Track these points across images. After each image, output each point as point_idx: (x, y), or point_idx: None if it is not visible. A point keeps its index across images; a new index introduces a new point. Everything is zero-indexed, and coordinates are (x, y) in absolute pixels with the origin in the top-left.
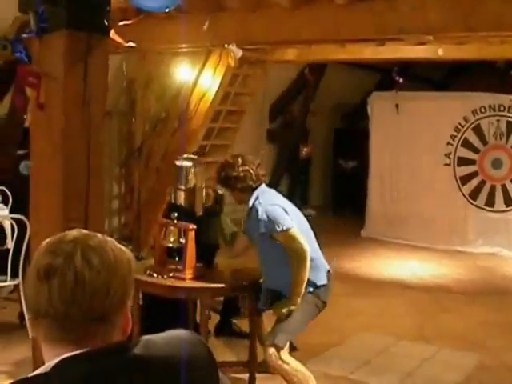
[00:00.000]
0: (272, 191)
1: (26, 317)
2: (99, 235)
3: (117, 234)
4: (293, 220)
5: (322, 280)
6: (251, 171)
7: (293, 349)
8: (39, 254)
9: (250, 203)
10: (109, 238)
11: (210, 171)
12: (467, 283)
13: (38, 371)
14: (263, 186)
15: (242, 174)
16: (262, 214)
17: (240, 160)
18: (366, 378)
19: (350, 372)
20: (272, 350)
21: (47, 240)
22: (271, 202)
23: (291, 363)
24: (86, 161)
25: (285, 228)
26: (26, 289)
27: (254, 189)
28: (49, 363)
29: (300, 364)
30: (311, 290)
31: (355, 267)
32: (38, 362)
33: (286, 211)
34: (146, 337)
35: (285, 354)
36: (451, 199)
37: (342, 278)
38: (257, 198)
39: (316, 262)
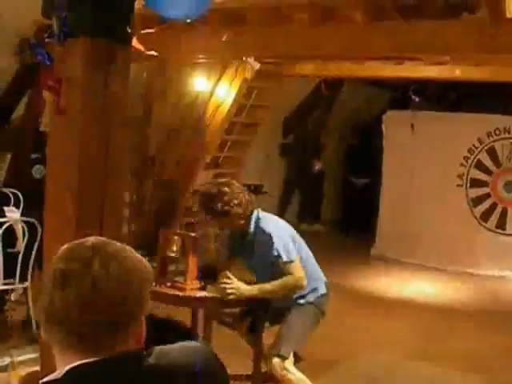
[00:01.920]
0: (271, 215)
1: (34, 319)
2: (118, 243)
3: (125, 242)
4: (295, 242)
5: (321, 289)
6: (247, 197)
7: (297, 360)
8: (57, 259)
9: (252, 228)
10: (127, 247)
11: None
12: (476, 305)
13: (50, 377)
14: (258, 210)
15: (237, 205)
16: (275, 241)
17: (234, 188)
18: None
19: None
20: (277, 360)
21: (65, 245)
22: (279, 230)
23: (296, 373)
24: (104, 169)
25: (291, 259)
26: (41, 294)
27: (250, 214)
28: (61, 370)
29: (303, 376)
30: (311, 299)
31: (364, 285)
32: (45, 363)
33: (292, 239)
34: (159, 347)
35: (290, 364)
36: (462, 220)
37: (351, 295)
38: (259, 222)
39: (316, 273)
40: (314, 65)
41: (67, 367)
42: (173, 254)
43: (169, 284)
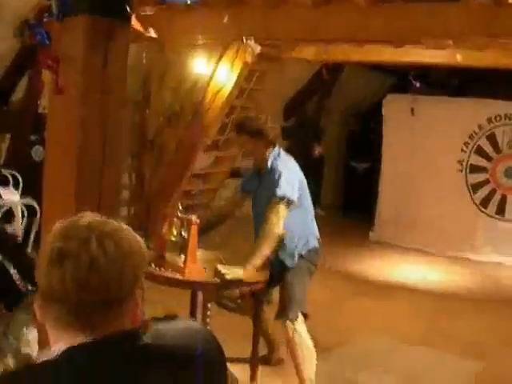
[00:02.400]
0: (289, 158)
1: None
2: (114, 222)
3: (125, 224)
4: (301, 189)
5: (312, 243)
6: (271, 127)
7: (305, 317)
8: (52, 238)
9: (269, 162)
10: (124, 226)
11: (221, 166)
12: (474, 290)
13: (46, 358)
14: (280, 148)
15: (268, 130)
16: (282, 179)
17: (264, 117)
18: (369, 379)
19: (353, 373)
20: (288, 324)
21: (59, 224)
22: (292, 171)
23: (302, 334)
24: (102, 148)
25: (287, 196)
26: (37, 273)
27: (273, 147)
28: (57, 350)
29: (309, 338)
30: (303, 253)
31: (363, 269)
32: (42, 344)
33: (300, 184)
34: (155, 325)
35: (300, 325)
36: (462, 206)
37: (350, 279)
38: (275, 158)
39: (310, 228)
40: (315, 48)
41: (63, 347)
42: (172, 237)
43: (168, 267)
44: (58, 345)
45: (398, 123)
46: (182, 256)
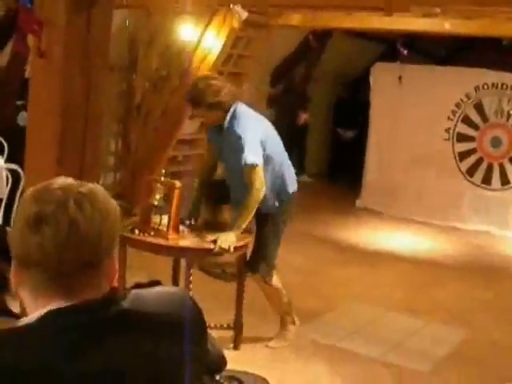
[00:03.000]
0: (248, 111)
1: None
2: (88, 183)
3: (111, 191)
4: (267, 142)
5: (292, 187)
6: (228, 89)
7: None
8: (26, 203)
9: (226, 124)
10: (98, 186)
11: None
12: (459, 259)
13: (23, 322)
14: (238, 104)
15: (225, 96)
16: (243, 143)
17: (219, 79)
18: (354, 347)
19: (338, 340)
20: (258, 278)
21: (31, 189)
22: (252, 129)
23: (273, 283)
24: (85, 110)
25: (254, 164)
26: (12, 239)
27: (229, 108)
28: (34, 314)
29: (279, 281)
30: (285, 199)
31: (348, 237)
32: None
33: (262, 141)
34: (135, 291)
35: (272, 280)
36: (448, 175)
37: (335, 246)
38: (234, 117)
39: (289, 173)
40: (302, 15)
41: (41, 311)
42: (156, 203)
43: (152, 233)
44: (37, 312)
45: (385, 91)
46: (165, 219)
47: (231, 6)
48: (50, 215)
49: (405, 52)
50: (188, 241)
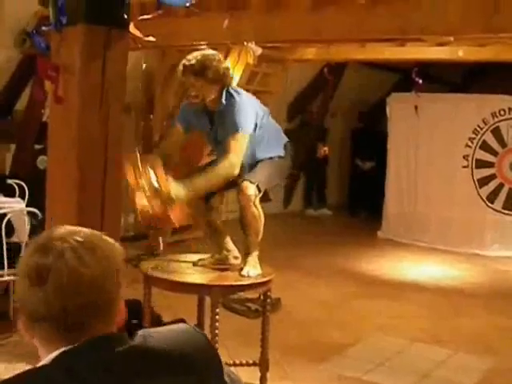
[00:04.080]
0: (242, 90)
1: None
2: (87, 230)
3: (132, 231)
4: (258, 119)
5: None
6: (228, 68)
7: (268, 200)
8: (27, 256)
9: (224, 100)
10: (97, 232)
11: None
12: (483, 287)
13: (40, 364)
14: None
15: (223, 70)
16: (237, 110)
17: (216, 55)
18: (380, 379)
19: (364, 373)
20: (253, 189)
21: (35, 240)
22: (247, 103)
23: (260, 210)
24: (103, 155)
25: (242, 130)
26: (17, 292)
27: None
28: (49, 356)
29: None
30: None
31: (371, 268)
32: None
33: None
34: (143, 330)
35: (257, 200)
36: (469, 202)
37: (358, 278)
38: (231, 93)
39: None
40: (317, 49)
41: (52, 355)
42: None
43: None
44: (50, 355)
45: (402, 121)
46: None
47: (245, 43)
48: (50, 268)
49: (419, 81)
50: (211, 276)
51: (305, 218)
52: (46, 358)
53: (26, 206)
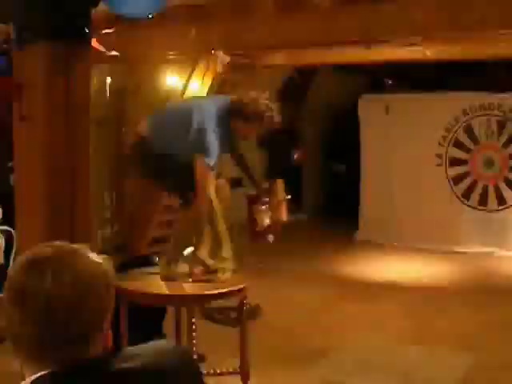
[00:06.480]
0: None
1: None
2: (73, 249)
3: (110, 243)
4: None
5: None
6: None
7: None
8: (13, 274)
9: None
10: (83, 252)
11: None
12: (462, 283)
13: None
14: None
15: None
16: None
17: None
18: (364, 381)
19: (347, 375)
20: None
21: (21, 258)
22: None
23: None
24: (71, 172)
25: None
26: (3, 310)
27: None
28: (28, 379)
29: None
30: None
31: (350, 271)
32: None
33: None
34: (127, 349)
35: None
36: (444, 200)
37: (338, 281)
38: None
39: None
40: (285, 54)
41: (31, 378)
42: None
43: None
44: (28, 379)
45: (373, 122)
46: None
47: (213, 51)
48: (28, 290)
49: (389, 82)
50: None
51: None
52: (26, 380)
53: (0, 224)
